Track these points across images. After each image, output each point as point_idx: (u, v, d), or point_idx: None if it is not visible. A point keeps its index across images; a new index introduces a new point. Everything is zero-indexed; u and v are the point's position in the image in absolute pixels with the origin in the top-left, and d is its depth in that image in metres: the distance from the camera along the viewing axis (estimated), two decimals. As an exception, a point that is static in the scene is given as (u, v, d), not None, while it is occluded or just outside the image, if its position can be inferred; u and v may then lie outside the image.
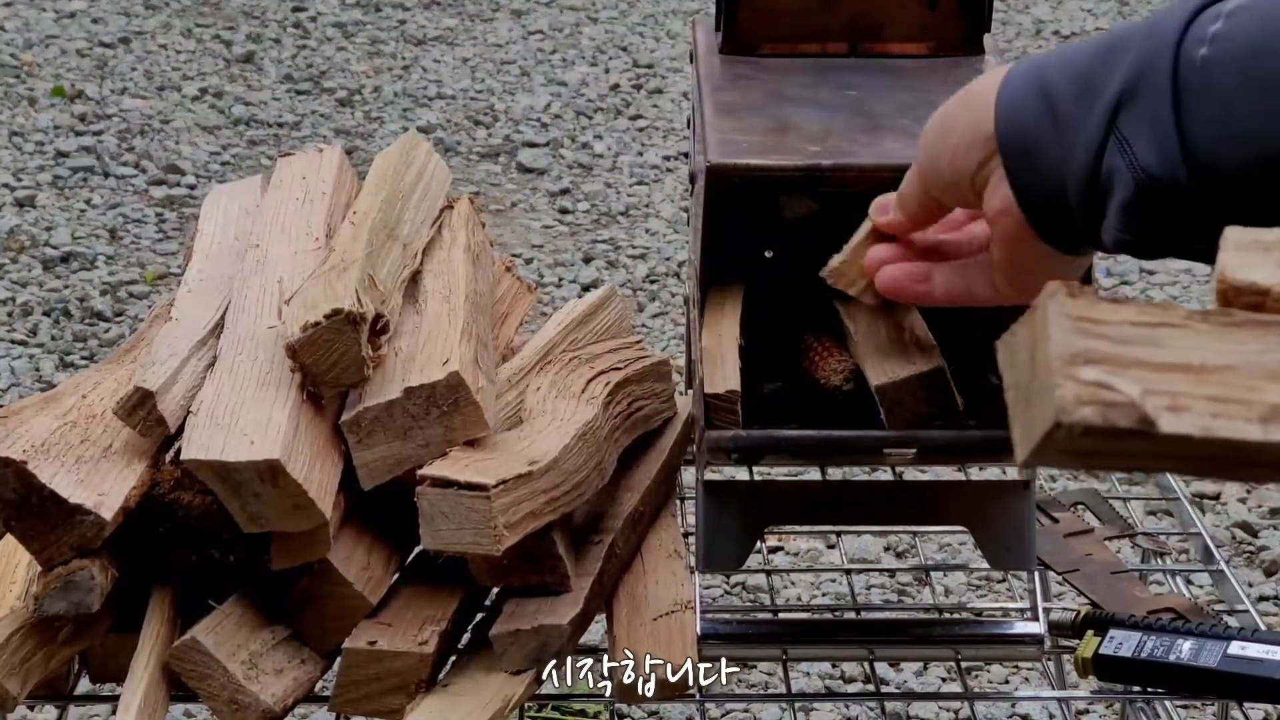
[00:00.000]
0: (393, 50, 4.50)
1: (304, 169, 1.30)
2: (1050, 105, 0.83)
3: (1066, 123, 0.82)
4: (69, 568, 1.02)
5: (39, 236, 3.43)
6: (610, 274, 3.35)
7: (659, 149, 3.94)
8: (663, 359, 1.25)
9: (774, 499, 1.20)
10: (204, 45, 4.47)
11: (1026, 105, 0.84)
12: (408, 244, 1.19)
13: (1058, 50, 0.87)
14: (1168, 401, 0.47)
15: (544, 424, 1.10)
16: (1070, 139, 0.82)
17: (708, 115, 1.21)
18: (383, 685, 1.05)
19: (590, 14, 4.80)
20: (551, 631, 1.06)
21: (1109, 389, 0.47)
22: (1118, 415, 0.46)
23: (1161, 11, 0.81)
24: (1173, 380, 0.47)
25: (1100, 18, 4.80)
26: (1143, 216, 0.80)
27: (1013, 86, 0.86)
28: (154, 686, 1.03)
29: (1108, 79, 0.80)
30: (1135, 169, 0.79)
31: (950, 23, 1.31)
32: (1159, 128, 0.78)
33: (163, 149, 3.84)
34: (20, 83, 4.19)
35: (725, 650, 1.20)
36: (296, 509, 1.01)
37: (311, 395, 1.06)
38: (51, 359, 3.00)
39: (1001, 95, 0.86)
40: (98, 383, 1.13)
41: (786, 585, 2.40)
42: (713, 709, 2.15)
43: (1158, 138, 0.78)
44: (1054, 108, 0.82)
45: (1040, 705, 2.20)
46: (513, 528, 1.02)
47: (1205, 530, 1.38)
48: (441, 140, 3.93)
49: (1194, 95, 0.77)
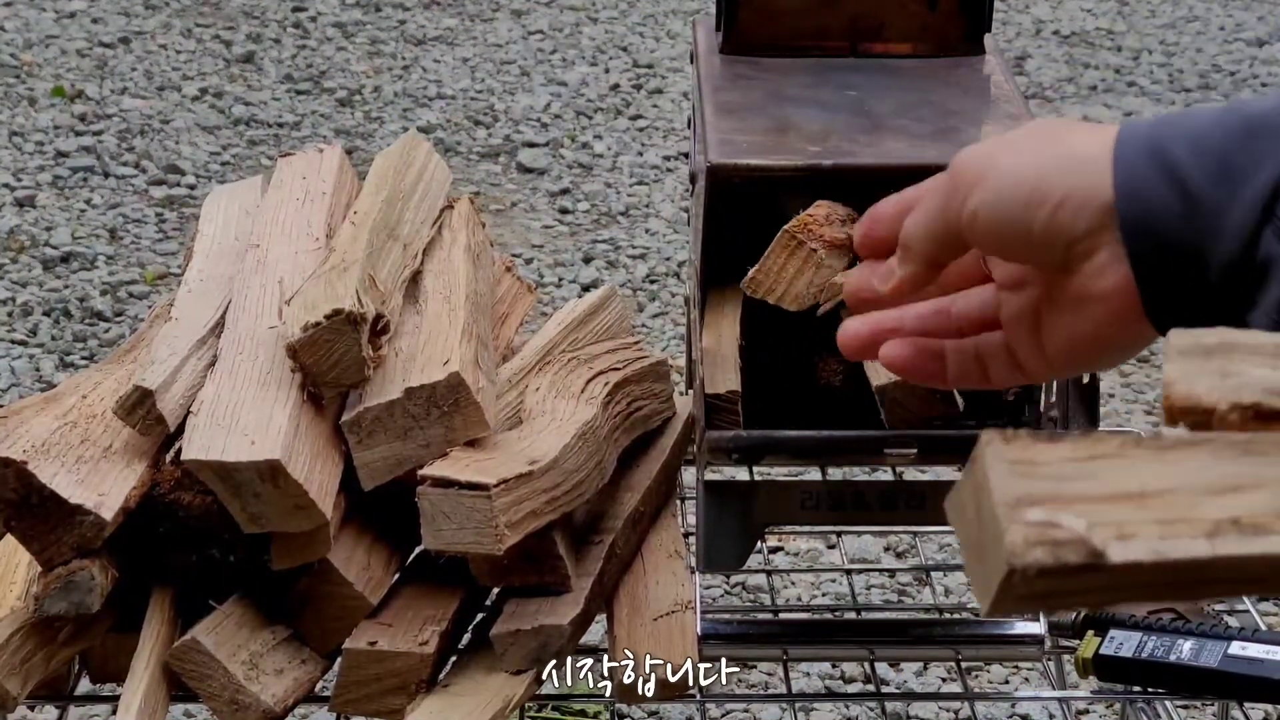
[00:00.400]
0: (393, 50, 4.50)
1: (304, 169, 1.30)
2: (1180, 186, 0.75)
3: (1206, 208, 0.75)
4: (69, 568, 1.02)
5: (39, 236, 3.43)
6: (610, 274, 3.35)
7: (659, 149, 3.94)
8: (661, 359, 1.25)
9: (774, 499, 1.20)
10: (204, 45, 4.47)
11: (1149, 181, 0.76)
12: (408, 244, 1.19)
13: (1168, 120, 0.78)
14: (1115, 531, 0.47)
15: (544, 424, 1.10)
16: (1212, 225, 0.75)
17: (708, 115, 1.21)
18: (383, 685, 1.05)
19: (590, 14, 4.80)
20: (552, 632, 1.07)
21: (1056, 527, 0.47)
22: (1068, 553, 0.46)
23: None
24: (1117, 510, 0.48)
25: (1100, 18, 4.80)
26: None
27: (1129, 157, 0.77)
28: (154, 687, 1.03)
29: (1256, 165, 0.74)
30: None
31: (950, 23, 1.31)
32: None
33: (163, 149, 3.84)
34: (20, 83, 4.20)
35: (725, 650, 1.20)
36: (297, 509, 1.01)
37: (312, 395, 1.06)
38: (51, 359, 3.00)
39: (1119, 165, 0.77)
40: (98, 383, 1.13)
41: (787, 585, 2.40)
42: (713, 709, 2.15)
43: None
44: (1185, 188, 0.75)
45: (1040, 705, 2.20)
46: (514, 527, 1.02)
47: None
48: (441, 140, 3.93)
49: None
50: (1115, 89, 4.34)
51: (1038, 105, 4.19)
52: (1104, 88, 4.34)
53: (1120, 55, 4.56)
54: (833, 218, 1.11)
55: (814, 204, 1.11)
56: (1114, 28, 4.75)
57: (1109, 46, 4.63)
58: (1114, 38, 4.68)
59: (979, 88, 1.29)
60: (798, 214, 1.07)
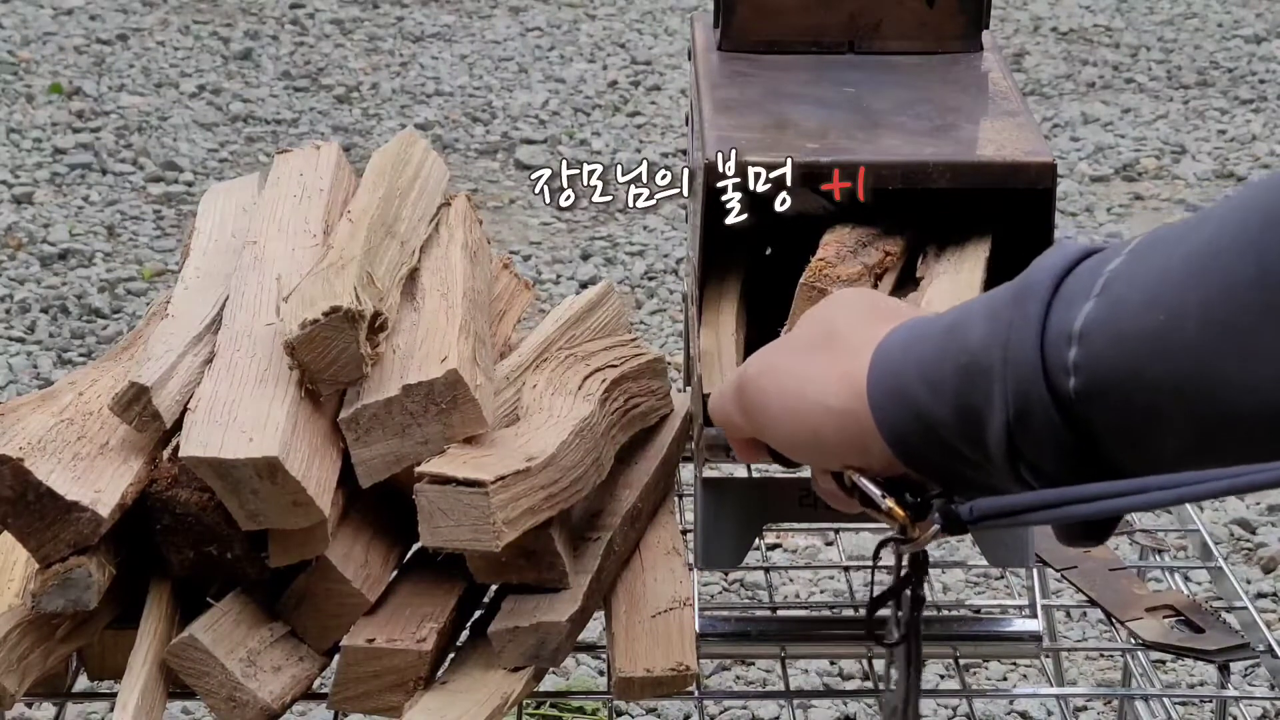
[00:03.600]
0: (390, 47, 4.50)
1: (301, 166, 1.30)
2: (932, 431, 0.79)
3: (965, 449, 0.78)
4: (66, 565, 1.02)
5: (37, 233, 3.43)
6: (608, 271, 3.35)
7: (657, 145, 3.94)
8: (658, 356, 1.25)
9: (772, 496, 1.20)
10: (202, 42, 4.47)
11: (909, 428, 0.80)
12: (405, 241, 1.19)
13: (907, 348, 0.81)
14: None
15: (541, 420, 1.10)
16: (984, 464, 0.78)
17: (706, 112, 1.21)
18: (381, 682, 1.05)
19: (588, 11, 4.80)
20: (550, 629, 1.06)
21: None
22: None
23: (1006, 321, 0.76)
24: None
25: (1098, 14, 4.80)
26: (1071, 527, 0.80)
27: (885, 406, 0.81)
28: (152, 684, 1.03)
29: (989, 408, 0.76)
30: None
31: (949, 20, 1.31)
32: (1069, 455, 0.75)
33: (160, 146, 3.84)
34: (18, 79, 4.19)
35: (724, 648, 1.20)
36: (295, 506, 1.01)
37: (310, 392, 1.05)
38: (49, 356, 3.00)
39: (880, 423, 0.81)
40: (95, 380, 1.13)
41: (785, 582, 2.40)
42: (711, 706, 2.15)
43: (1072, 463, 0.75)
44: (938, 435, 0.79)
45: (1038, 702, 2.20)
46: (511, 524, 1.02)
47: (1203, 527, 1.38)
48: (439, 137, 3.93)
49: (1092, 423, 0.73)
50: (1113, 85, 4.34)
51: (1036, 102, 4.19)
52: (1102, 84, 4.35)
53: (1118, 52, 4.56)
54: (843, 252, 1.11)
55: (820, 244, 1.11)
56: (1112, 24, 4.75)
57: (1107, 43, 4.63)
58: (1112, 34, 4.68)
59: (977, 85, 1.29)
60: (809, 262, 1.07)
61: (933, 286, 1.11)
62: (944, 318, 0.81)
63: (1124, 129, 4.06)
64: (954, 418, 0.78)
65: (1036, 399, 0.74)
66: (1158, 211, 3.66)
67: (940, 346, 0.79)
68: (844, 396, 0.83)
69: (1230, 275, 0.69)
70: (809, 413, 0.84)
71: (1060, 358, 0.73)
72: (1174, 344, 0.70)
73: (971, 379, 0.77)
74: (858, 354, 0.83)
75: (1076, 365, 0.73)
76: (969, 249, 1.14)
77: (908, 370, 0.80)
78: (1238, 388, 0.69)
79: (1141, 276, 0.72)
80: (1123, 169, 3.85)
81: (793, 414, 0.86)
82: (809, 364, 0.85)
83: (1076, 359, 0.73)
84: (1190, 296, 0.70)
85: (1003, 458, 0.76)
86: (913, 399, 0.80)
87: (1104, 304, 0.73)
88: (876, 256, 1.12)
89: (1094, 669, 2.26)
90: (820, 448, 0.85)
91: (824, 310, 0.90)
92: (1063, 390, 0.73)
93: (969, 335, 0.78)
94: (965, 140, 1.19)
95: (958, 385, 0.78)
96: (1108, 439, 0.74)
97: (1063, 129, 4.05)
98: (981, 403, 0.76)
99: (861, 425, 0.82)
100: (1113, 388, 0.72)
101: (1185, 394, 0.70)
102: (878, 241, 1.12)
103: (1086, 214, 3.65)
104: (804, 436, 0.85)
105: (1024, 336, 0.75)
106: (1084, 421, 0.74)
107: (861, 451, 0.83)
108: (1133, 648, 1.27)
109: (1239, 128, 4.07)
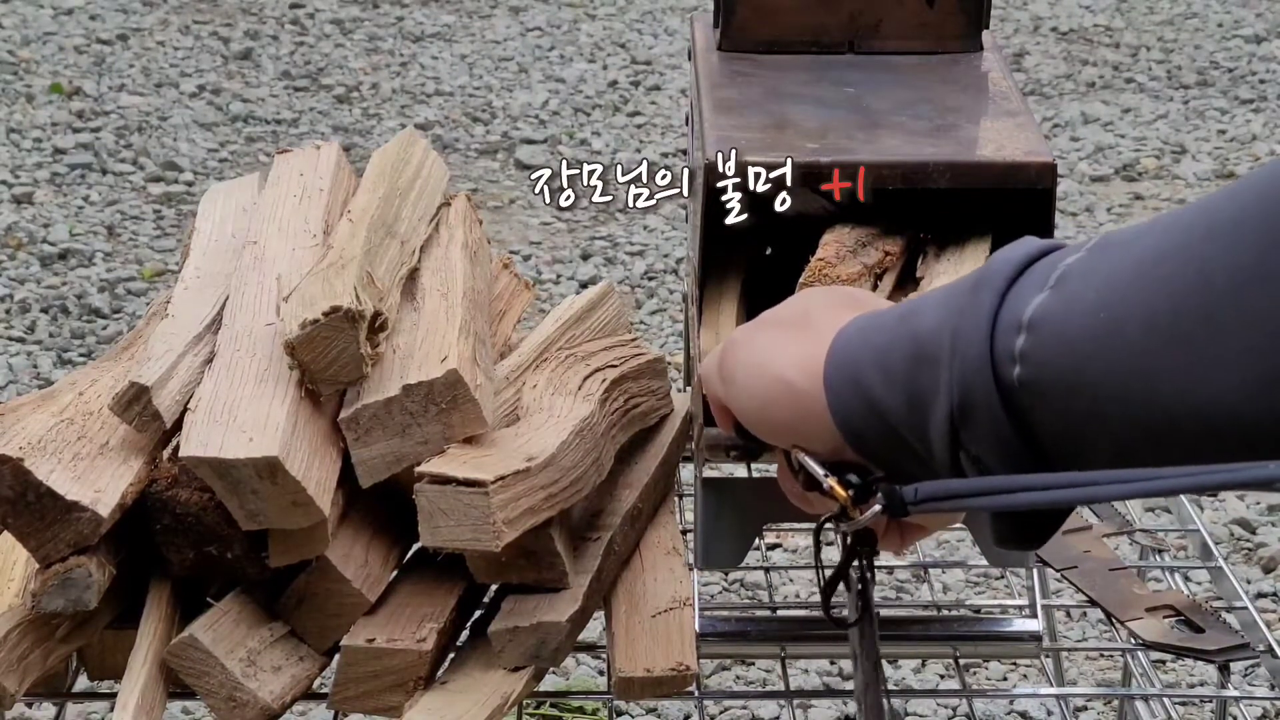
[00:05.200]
0: (391, 47, 4.50)
1: (301, 166, 1.30)
2: (882, 419, 0.80)
3: (910, 438, 0.80)
4: (66, 565, 1.02)
5: (37, 233, 3.43)
6: (608, 271, 3.35)
7: (657, 145, 3.94)
8: (658, 356, 1.25)
9: (773, 496, 1.20)
10: (202, 42, 4.47)
11: (858, 415, 0.82)
12: (405, 241, 1.19)
13: (864, 333, 0.83)
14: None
15: (541, 420, 1.10)
16: (925, 458, 0.79)
17: (706, 112, 1.21)
18: (381, 682, 1.05)
19: (588, 11, 4.80)
20: (550, 629, 1.06)
21: None
22: None
23: (959, 308, 0.77)
24: None
25: (1098, 14, 4.80)
26: (1022, 516, 0.80)
27: (838, 389, 0.83)
28: (152, 684, 1.03)
29: (934, 397, 0.77)
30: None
31: (949, 20, 1.31)
32: (1008, 448, 0.75)
33: (160, 146, 3.84)
34: (18, 79, 4.19)
35: (724, 647, 1.20)
36: (295, 506, 1.01)
37: (310, 392, 1.05)
38: (49, 356, 3.00)
39: (832, 405, 0.83)
40: (95, 380, 1.13)
41: (785, 582, 2.40)
42: (711, 706, 2.15)
43: (1009, 456, 0.76)
44: (887, 421, 0.80)
45: (1039, 702, 2.20)
46: (511, 524, 1.02)
47: (1204, 527, 1.38)
48: (439, 137, 3.93)
49: (1032, 415, 0.74)
50: (1113, 85, 4.34)
51: (1036, 102, 4.19)
52: (1102, 84, 4.35)
53: (1118, 52, 4.56)
54: (843, 252, 1.11)
55: (820, 244, 1.11)
56: (1112, 24, 4.74)
57: (1107, 43, 4.63)
58: (1112, 34, 4.68)
59: (977, 85, 1.29)
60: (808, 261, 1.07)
61: (932, 286, 1.10)
62: (900, 306, 0.83)
63: (1124, 129, 4.06)
64: (903, 405, 0.79)
65: (980, 386, 0.75)
66: (1158, 212, 3.66)
67: (893, 333, 0.81)
68: (802, 375, 0.85)
69: (1172, 282, 0.69)
70: (768, 386, 0.87)
71: (1008, 345, 0.74)
72: (1117, 345, 0.71)
73: (920, 365, 0.78)
74: (821, 337, 0.85)
75: (1023, 353, 0.73)
76: (969, 249, 1.14)
77: (863, 356, 0.82)
78: (1175, 393, 0.69)
79: (1095, 274, 0.73)
80: (1123, 169, 3.85)
81: (753, 384, 0.88)
82: (777, 340, 0.88)
83: (1023, 347, 0.74)
84: (1134, 299, 0.70)
85: (944, 449, 0.77)
86: (865, 385, 0.81)
87: (1056, 297, 0.73)
88: (876, 256, 1.12)
89: (1094, 669, 2.26)
90: (771, 421, 0.88)
91: (807, 294, 0.93)
92: (1007, 379, 0.74)
93: (921, 322, 0.79)
94: (965, 140, 1.19)
95: (907, 371, 0.79)
96: (1046, 433, 0.74)
97: (1063, 129, 4.05)
98: (928, 390, 0.77)
99: (813, 406, 0.84)
100: (1055, 381, 0.73)
101: (1124, 396, 0.71)
102: (878, 241, 1.12)
103: (1086, 214, 3.65)
104: (759, 407, 0.88)
105: (975, 323, 0.75)
106: (1024, 412, 0.74)
107: (810, 432, 0.85)
108: (1133, 648, 1.27)
109: (1239, 128, 4.07)
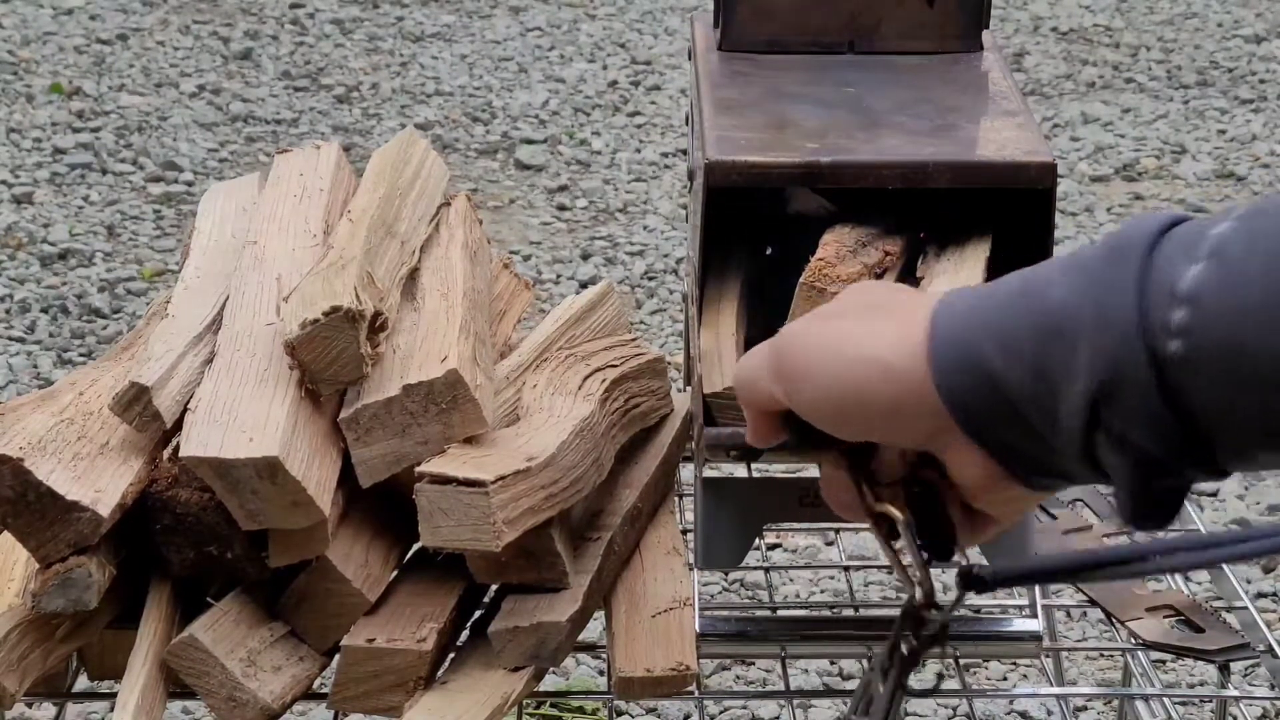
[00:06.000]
0: (390, 47, 4.50)
1: (301, 166, 1.30)
2: (1000, 394, 0.75)
3: (1033, 416, 0.74)
4: (66, 565, 1.02)
5: (37, 233, 3.43)
6: (608, 271, 3.35)
7: (657, 145, 3.94)
8: (658, 356, 1.25)
9: (773, 496, 1.20)
10: (202, 42, 4.47)
11: (974, 390, 0.76)
12: (405, 241, 1.19)
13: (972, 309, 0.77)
14: None
15: (541, 420, 1.10)
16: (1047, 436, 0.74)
17: (706, 112, 1.21)
18: (381, 682, 1.05)
19: (588, 11, 4.80)
20: (550, 629, 1.06)
21: None
22: None
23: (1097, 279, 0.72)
24: None
25: (1098, 14, 4.80)
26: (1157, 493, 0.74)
27: (947, 369, 0.76)
28: (152, 683, 1.03)
29: (1068, 373, 0.72)
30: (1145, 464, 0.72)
31: (949, 19, 1.31)
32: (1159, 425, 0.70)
33: (160, 146, 3.84)
34: (18, 79, 4.19)
35: (724, 648, 1.20)
36: (295, 506, 1.01)
37: (310, 392, 1.05)
38: (49, 356, 3.00)
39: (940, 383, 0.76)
40: (95, 380, 1.13)
41: (785, 582, 2.40)
42: (711, 706, 2.15)
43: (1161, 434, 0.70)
44: (1006, 396, 0.75)
45: (1038, 702, 2.20)
46: (511, 524, 1.02)
47: (1203, 527, 1.38)
48: (439, 137, 3.93)
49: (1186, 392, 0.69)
50: (1113, 85, 4.34)
51: (1036, 102, 4.19)
52: (1102, 84, 4.34)
53: (1118, 52, 4.56)
54: (843, 252, 1.11)
55: (820, 244, 1.11)
56: (1112, 24, 4.75)
57: (1107, 43, 4.63)
58: (1112, 34, 4.68)
59: (977, 84, 1.29)
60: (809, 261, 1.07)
61: (933, 286, 1.10)
62: (1006, 281, 0.77)
63: (1124, 129, 4.06)
64: (1027, 381, 0.73)
65: (1130, 360, 0.69)
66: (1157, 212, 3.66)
67: (1011, 306, 0.75)
68: (898, 356, 0.77)
69: None
70: (859, 371, 0.79)
71: (1163, 318, 0.69)
72: None
73: (1050, 339, 0.72)
74: (912, 317, 0.78)
75: (1183, 328, 0.68)
76: (969, 249, 1.14)
77: (976, 331, 0.75)
78: None
79: (1257, 244, 0.68)
80: (1123, 169, 3.85)
81: (837, 370, 0.80)
82: (854, 328, 0.81)
83: (1184, 321, 0.68)
84: None
85: (1077, 427, 0.72)
86: (982, 360, 0.75)
87: (1217, 268, 0.68)
88: (876, 256, 1.11)
89: (1094, 669, 2.26)
90: (865, 408, 0.79)
91: (857, 289, 0.86)
92: (1162, 353, 0.69)
93: (1048, 294, 0.73)
94: (965, 140, 1.19)
95: (1035, 346, 0.73)
96: (1198, 406, 0.69)
97: (1063, 129, 4.05)
98: (1060, 365, 0.72)
99: (915, 386, 0.77)
100: (1216, 353, 0.68)
101: None
102: (878, 241, 1.12)
103: (1086, 214, 3.65)
104: (846, 395, 0.80)
105: (1120, 297, 0.70)
106: (1177, 391, 0.69)
107: (906, 415, 0.78)
108: (1133, 648, 1.27)
109: (1239, 128, 4.07)
